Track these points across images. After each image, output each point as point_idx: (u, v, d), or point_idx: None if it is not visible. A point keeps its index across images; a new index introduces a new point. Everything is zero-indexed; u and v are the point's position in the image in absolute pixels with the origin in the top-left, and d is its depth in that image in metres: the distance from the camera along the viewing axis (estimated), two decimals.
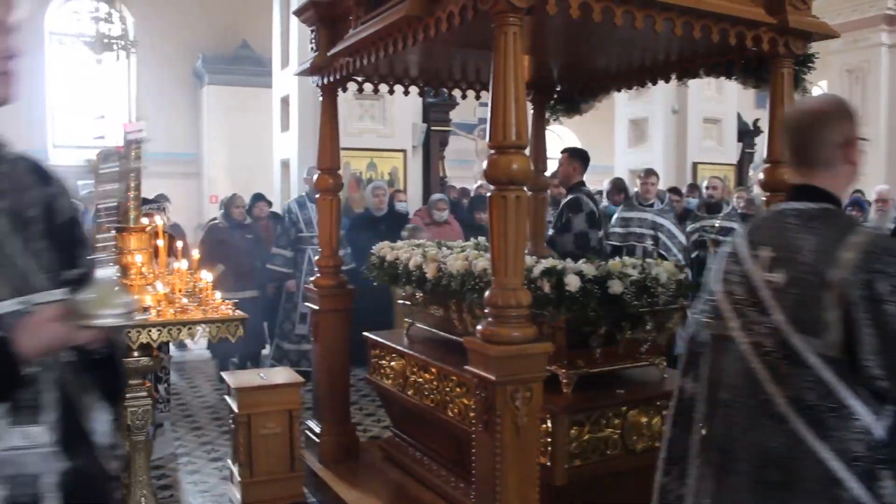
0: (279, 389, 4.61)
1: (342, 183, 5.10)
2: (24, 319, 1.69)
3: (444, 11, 3.12)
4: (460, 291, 3.86)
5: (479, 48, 3.76)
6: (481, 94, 5.13)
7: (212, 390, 7.50)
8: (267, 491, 4.53)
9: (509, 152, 2.90)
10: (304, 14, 4.83)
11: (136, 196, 3.52)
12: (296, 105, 9.63)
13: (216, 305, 3.58)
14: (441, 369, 4.04)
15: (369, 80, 4.91)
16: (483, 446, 3.03)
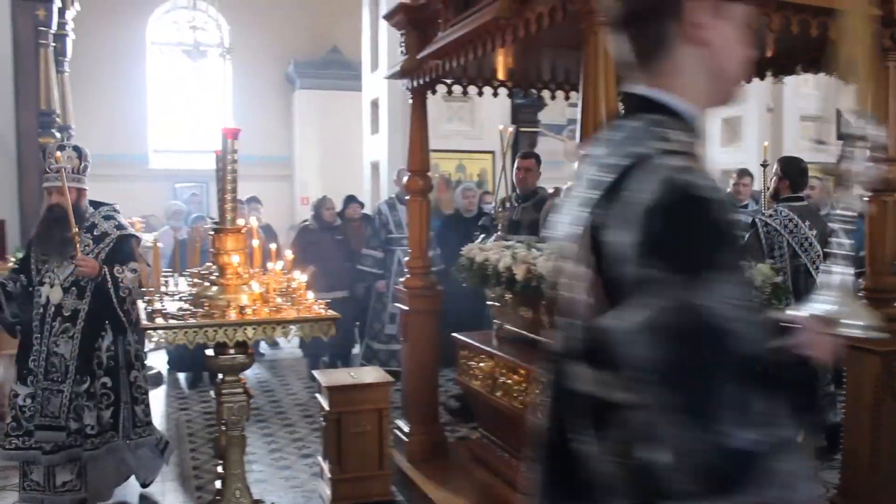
0: (369, 388, 4.68)
1: (432, 185, 5.14)
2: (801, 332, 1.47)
3: (533, 13, 3.12)
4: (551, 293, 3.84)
5: (568, 48, 3.74)
6: (570, 95, 5.09)
7: (303, 388, 7.66)
8: (356, 488, 4.60)
9: None
10: (394, 18, 4.89)
11: (233, 198, 3.62)
12: (385, 108, 9.76)
13: (309, 305, 3.65)
14: (530, 371, 4.03)
15: (458, 83, 4.94)
16: None
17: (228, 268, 3.63)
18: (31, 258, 4.34)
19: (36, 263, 4.31)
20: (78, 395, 4.25)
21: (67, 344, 4.25)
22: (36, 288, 4.28)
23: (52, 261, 4.26)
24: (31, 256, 4.37)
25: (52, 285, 4.23)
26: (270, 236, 8.22)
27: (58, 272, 4.25)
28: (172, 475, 5.33)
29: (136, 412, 4.46)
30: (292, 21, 15.18)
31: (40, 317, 4.26)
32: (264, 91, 15.42)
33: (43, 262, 4.29)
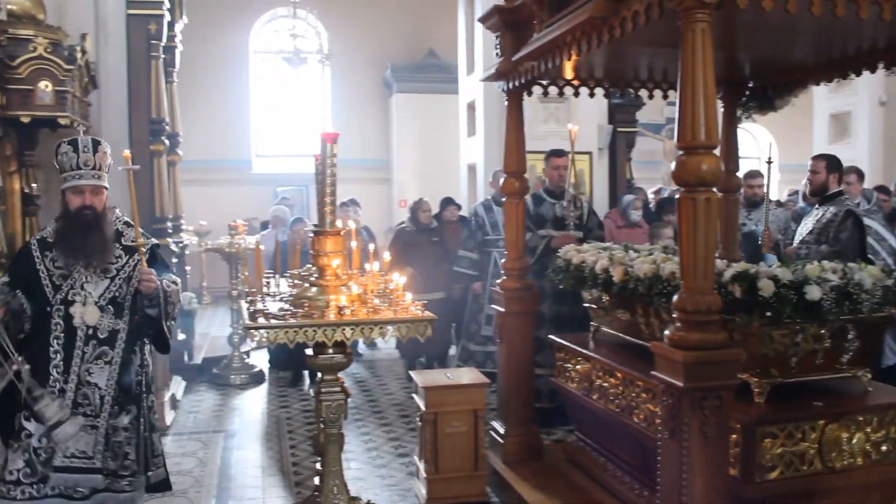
0: (465, 389, 4.71)
1: (528, 186, 5.14)
2: None
3: (629, 11, 3.08)
4: (647, 295, 3.79)
5: (666, 46, 3.68)
6: (669, 94, 5.00)
7: (400, 388, 7.76)
8: (451, 488, 4.64)
9: (698, 153, 2.82)
10: (489, 20, 4.91)
11: (332, 201, 3.70)
12: (481, 110, 9.78)
13: (406, 306, 3.70)
14: (627, 374, 3.98)
15: (554, 83, 4.92)
16: (669, 454, 2.96)
17: (328, 269, 3.72)
18: (41, 272, 3.57)
19: (50, 277, 3.57)
20: (116, 430, 3.62)
21: (103, 371, 3.59)
22: (56, 307, 3.54)
23: (77, 274, 3.57)
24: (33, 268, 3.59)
25: (84, 303, 3.55)
26: (369, 238, 8.37)
27: (89, 288, 3.58)
28: (272, 471, 5.49)
29: (154, 440, 3.85)
30: (389, 26, 15.40)
31: (66, 341, 3.55)
32: (362, 95, 15.69)
33: (64, 277, 3.57)
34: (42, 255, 3.60)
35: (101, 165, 3.63)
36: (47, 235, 3.65)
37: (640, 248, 4.49)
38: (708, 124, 2.79)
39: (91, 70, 7.44)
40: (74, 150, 3.56)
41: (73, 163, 3.56)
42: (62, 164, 3.62)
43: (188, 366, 8.14)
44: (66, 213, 3.63)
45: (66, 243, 3.57)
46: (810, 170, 5.83)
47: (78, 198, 3.59)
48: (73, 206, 3.59)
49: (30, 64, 6.62)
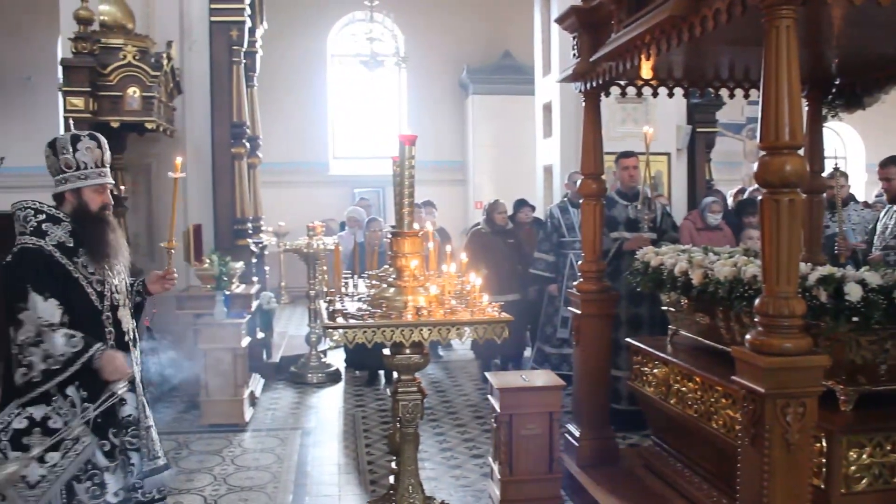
0: (540, 391, 4.69)
1: (605, 188, 5.09)
2: None
3: (710, 9, 3.03)
4: (728, 299, 3.71)
5: (748, 44, 3.60)
6: (750, 93, 4.89)
7: (474, 389, 7.77)
8: (525, 490, 4.62)
9: (782, 153, 2.75)
10: (566, 21, 4.89)
11: (410, 202, 3.73)
12: (558, 111, 9.73)
13: (483, 307, 3.71)
14: (706, 379, 3.91)
15: (632, 84, 4.86)
16: (749, 462, 2.90)
17: (406, 270, 3.75)
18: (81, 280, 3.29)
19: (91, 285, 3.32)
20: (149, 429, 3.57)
21: (137, 373, 3.51)
22: (106, 315, 3.36)
23: (108, 277, 3.40)
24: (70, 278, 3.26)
25: (124, 306, 3.48)
26: (445, 240, 8.41)
27: (119, 289, 3.46)
28: (348, 468, 5.56)
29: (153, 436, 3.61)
30: (465, 28, 15.46)
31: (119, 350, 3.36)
32: (438, 97, 15.78)
33: (101, 283, 3.36)
34: (71, 262, 3.27)
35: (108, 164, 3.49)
36: (62, 239, 3.28)
37: (719, 251, 4.41)
38: (792, 124, 2.72)
39: (176, 76, 7.68)
40: (99, 146, 3.40)
41: (97, 159, 3.38)
42: (81, 160, 3.34)
43: (266, 364, 8.32)
44: (85, 213, 3.35)
45: (98, 245, 3.34)
46: (882, 178, 5.67)
47: (99, 196, 3.40)
48: (93, 205, 3.37)
49: (120, 71, 6.88)
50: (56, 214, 3.31)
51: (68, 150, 3.34)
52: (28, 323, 3.10)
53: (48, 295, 3.14)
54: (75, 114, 6.67)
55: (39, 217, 3.28)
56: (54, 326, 3.12)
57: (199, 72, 8.15)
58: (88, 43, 6.72)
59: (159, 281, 3.65)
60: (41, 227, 3.25)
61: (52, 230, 3.27)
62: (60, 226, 3.30)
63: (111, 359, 3.19)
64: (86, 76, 6.67)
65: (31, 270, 3.17)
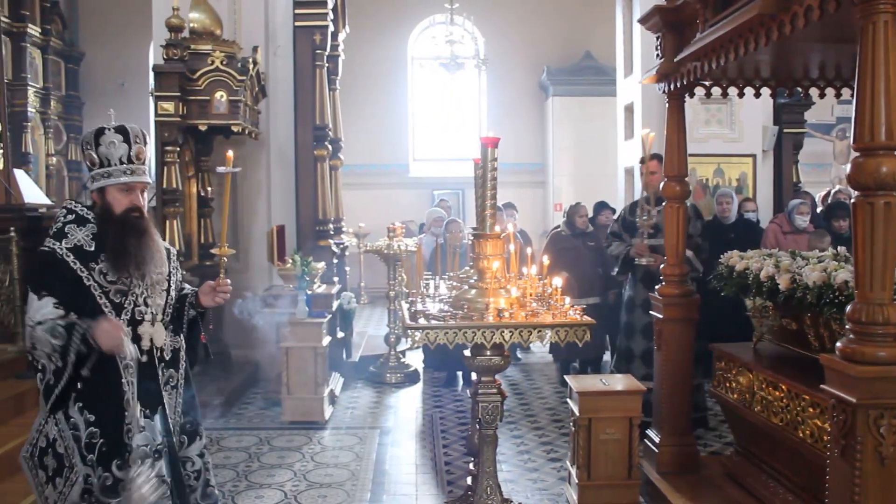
0: (620, 396, 4.64)
1: (689, 190, 5.00)
2: None
3: (801, 6, 2.95)
4: (817, 305, 3.60)
5: (840, 42, 3.49)
6: (842, 92, 4.73)
7: (553, 392, 7.72)
8: (603, 495, 4.57)
9: (877, 154, 2.66)
10: (649, 21, 4.82)
11: (493, 204, 3.74)
12: (640, 112, 9.60)
13: (564, 310, 3.69)
14: (792, 387, 3.79)
15: (717, 84, 4.76)
16: (839, 475, 2.80)
17: (487, 272, 3.76)
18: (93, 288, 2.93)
19: (106, 295, 2.95)
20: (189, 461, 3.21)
21: (171, 399, 3.12)
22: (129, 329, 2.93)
23: (137, 289, 3.01)
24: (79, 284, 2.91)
25: (152, 322, 3.04)
26: (525, 242, 8.39)
27: (151, 303, 3.05)
28: (425, 468, 5.59)
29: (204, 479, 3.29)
30: (545, 29, 15.39)
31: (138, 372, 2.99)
32: (518, 99, 15.75)
33: (122, 293, 2.97)
34: (86, 268, 2.93)
35: (146, 159, 3.08)
36: (80, 243, 2.95)
37: (807, 255, 4.28)
38: (889, 123, 2.63)
39: (261, 80, 7.88)
40: (125, 139, 2.99)
41: (122, 155, 2.98)
42: (104, 155, 2.98)
43: (346, 363, 8.44)
44: (108, 215, 3.00)
45: (118, 252, 2.94)
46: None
47: (126, 197, 3.01)
48: (119, 206, 2.99)
49: (208, 76, 7.09)
50: (85, 215, 3.02)
51: (91, 145, 3.00)
52: (27, 325, 2.88)
53: (44, 294, 2.85)
54: (165, 117, 6.91)
55: (68, 217, 3.01)
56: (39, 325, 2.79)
57: (283, 76, 8.34)
58: (179, 49, 6.95)
59: (211, 293, 3.24)
60: (63, 229, 2.97)
61: (74, 232, 2.96)
62: (85, 228, 2.98)
63: (99, 327, 2.77)
64: (176, 81, 6.90)
65: (35, 273, 2.99)
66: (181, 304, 3.26)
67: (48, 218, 7.56)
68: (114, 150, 2.98)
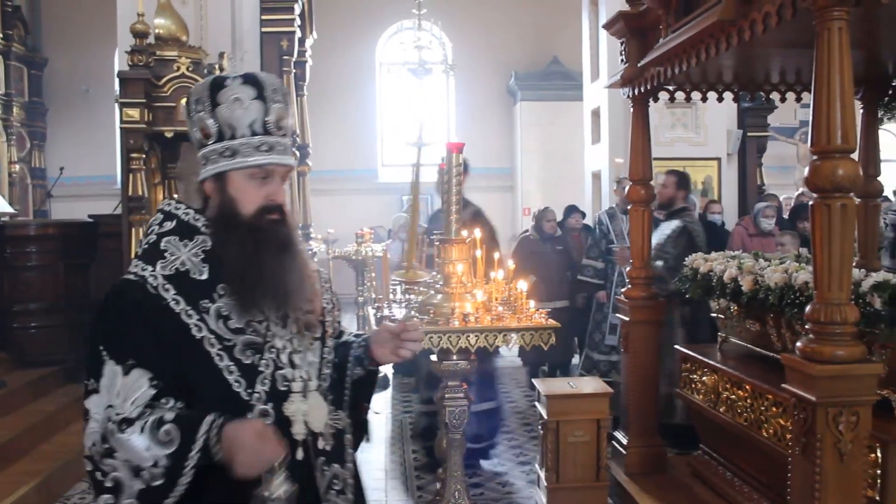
0: (588, 399, 4.67)
1: (654, 194, 5.05)
2: None
3: (759, 12, 3.00)
4: (779, 305, 3.65)
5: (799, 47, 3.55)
6: (802, 96, 4.82)
7: (522, 396, 7.75)
8: (572, 498, 4.60)
9: (834, 157, 2.71)
10: (614, 26, 4.86)
11: (457, 209, 3.75)
12: (606, 117, 9.69)
13: (530, 314, 3.71)
14: (756, 387, 3.84)
15: (681, 89, 4.82)
16: (800, 471, 2.85)
17: (453, 277, 3.77)
18: (208, 342, 1.77)
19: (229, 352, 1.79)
20: None
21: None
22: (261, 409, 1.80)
23: (275, 338, 1.85)
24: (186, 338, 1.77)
25: (304, 393, 1.87)
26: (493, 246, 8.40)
27: (300, 361, 1.89)
28: (395, 474, 5.59)
29: None
30: (512, 35, 15.47)
31: None
32: (486, 104, 15.81)
33: (253, 347, 1.81)
34: (195, 309, 1.78)
35: (289, 129, 1.93)
36: (185, 267, 1.81)
37: (770, 257, 4.34)
38: (844, 127, 2.68)
39: None
40: (259, 95, 1.83)
41: (255, 120, 1.83)
42: (226, 120, 1.83)
43: None
44: (231, 217, 1.84)
45: (249, 279, 1.79)
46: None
47: (260, 189, 1.85)
48: (249, 204, 1.84)
49: (174, 82, 7.03)
50: (192, 221, 1.87)
51: (205, 104, 1.84)
52: (95, 414, 1.71)
53: (131, 363, 1.71)
54: (131, 124, 6.84)
55: (165, 226, 1.87)
56: (128, 423, 1.68)
57: None
58: (144, 55, 6.88)
59: (391, 341, 2.03)
60: (158, 246, 1.84)
61: (175, 250, 1.83)
62: (193, 243, 1.84)
63: (239, 434, 1.65)
64: (141, 87, 6.84)
65: (110, 323, 1.78)
66: (342, 360, 2.08)
67: (12, 227, 7.50)
68: (241, 111, 1.82)
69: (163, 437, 1.66)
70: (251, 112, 1.82)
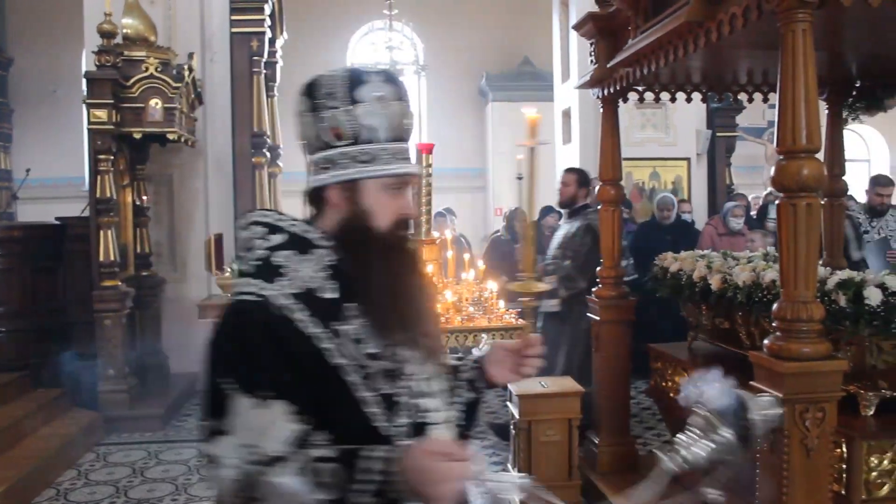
0: (559, 398, 4.69)
1: (624, 194, 5.08)
2: None
3: (726, 14, 3.03)
4: (747, 304, 3.70)
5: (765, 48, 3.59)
6: (769, 96, 4.87)
7: (494, 396, 7.75)
8: None
9: (799, 157, 2.75)
10: (583, 27, 4.89)
11: (427, 210, 3.76)
12: (577, 117, 9.74)
13: (500, 314, 3.73)
14: None
15: (650, 89, 4.86)
16: (768, 467, 2.88)
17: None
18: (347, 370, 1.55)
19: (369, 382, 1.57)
20: None
21: None
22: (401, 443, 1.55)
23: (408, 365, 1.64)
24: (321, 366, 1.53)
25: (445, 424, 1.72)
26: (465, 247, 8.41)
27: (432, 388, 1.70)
28: None
29: None
30: (484, 36, 15.49)
31: None
32: (458, 105, 15.81)
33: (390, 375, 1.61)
34: (328, 332, 1.56)
35: None
36: (313, 285, 1.58)
37: (738, 256, 4.39)
38: (809, 127, 2.72)
39: (197, 87, 7.77)
40: (400, 95, 1.64)
41: (392, 125, 1.64)
42: (365, 122, 1.61)
43: None
44: (362, 233, 1.64)
45: (390, 301, 1.62)
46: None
47: (395, 201, 1.67)
48: (385, 218, 1.66)
49: (142, 83, 6.98)
50: (306, 235, 1.65)
51: (341, 99, 1.62)
52: (227, 459, 1.44)
53: (265, 393, 1.46)
54: (98, 125, 6.77)
55: (274, 239, 1.63)
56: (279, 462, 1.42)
57: (220, 82, 8.24)
58: (111, 56, 6.82)
59: (513, 359, 1.88)
60: (270, 262, 1.59)
61: (295, 266, 1.60)
62: (312, 257, 1.62)
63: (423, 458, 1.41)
64: (109, 88, 6.77)
65: (240, 350, 1.52)
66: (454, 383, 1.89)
67: None
68: (383, 113, 1.61)
69: (326, 479, 1.39)
70: (393, 114, 1.62)
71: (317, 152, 1.68)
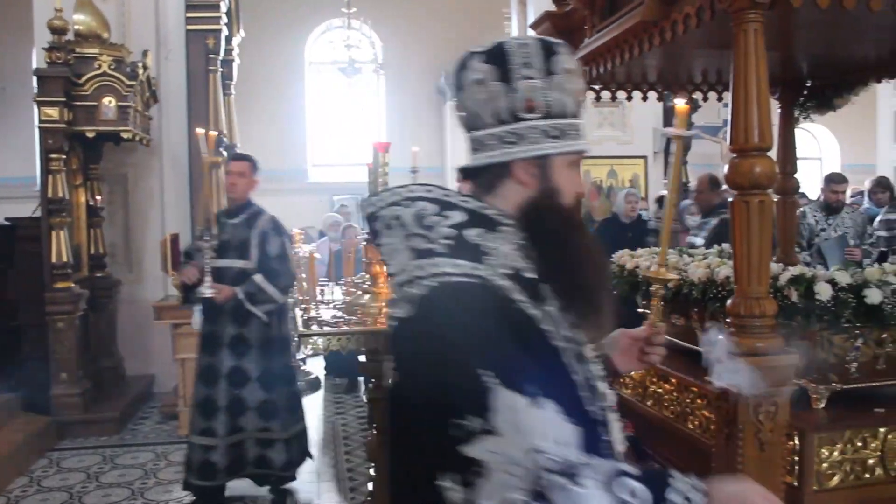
0: None
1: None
2: None
3: (680, 14, 3.06)
4: (702, 300, 3.74)
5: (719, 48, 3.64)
6: (724, 96, 4.93)
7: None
8: None
9: (752, 155, 2.78)
10: (540, 26, 4.90)
11: None
12: None
13: None
14: (681, 380, 3.92)
15: (606, 88, 4.88)
16: (723, 462, 2.92)
17: (380, 277, 3.76)
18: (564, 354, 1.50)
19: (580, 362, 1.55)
20: None
21: None
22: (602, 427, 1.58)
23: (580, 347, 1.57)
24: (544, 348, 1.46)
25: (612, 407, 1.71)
26: None
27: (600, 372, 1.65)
28: (327, 476, 5.55)
29: None
30: (442, 34, 15.48)
31: None
32: (416, 103, 15.80)
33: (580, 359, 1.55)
34: (545, 315, 1.50)
35: None
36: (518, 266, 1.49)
37: (693, 253, 4.44)
38: (761, 126, 2.75)
39: (152, 85, 7.67)
40: (579, 66, 1.63)
41: (579, 99, 1.60)
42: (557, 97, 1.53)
43: None
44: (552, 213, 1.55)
45: (585, 283, 1.54)
46: None
47: (577, 178, 1.63)
48: (569, 196, 1.59)
49: (94, 81, 6.86)
50: (487, 212, 1.52)
51: (538, 69, 1.51)
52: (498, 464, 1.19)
53: (536, 392, 1.24)
54: (50, 124, 6.65)
55: (454, 216, 1.47)
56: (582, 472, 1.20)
57: (175, 81, 8.14)
58: (62, 52, 6.70)
59: (638, 346, 1.90)
60: (465, 240, 1.45)
61: (493, 245, 1.47)
62: (502, 235, 1.50)
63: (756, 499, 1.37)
64: (60, 86, 6.65)
65: (488, 337, 1.31)
66: None
67: None
68: (571, 87, 1.55)
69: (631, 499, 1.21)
70: (579, 88, 1.58)
71: (498, 126, 1.55)
